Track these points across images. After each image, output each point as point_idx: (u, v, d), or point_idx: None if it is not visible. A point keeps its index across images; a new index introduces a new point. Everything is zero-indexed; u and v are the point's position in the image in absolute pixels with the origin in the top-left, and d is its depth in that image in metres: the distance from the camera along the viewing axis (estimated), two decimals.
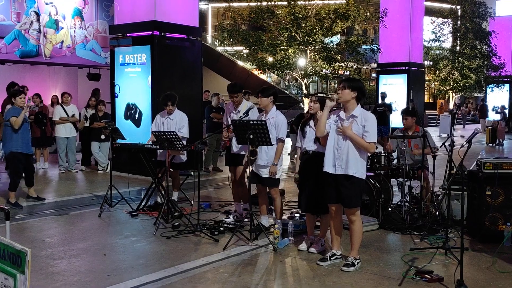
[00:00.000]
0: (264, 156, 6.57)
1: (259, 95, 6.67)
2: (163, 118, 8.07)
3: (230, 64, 31.51)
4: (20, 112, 7.95)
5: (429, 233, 6.55)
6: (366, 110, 5.52)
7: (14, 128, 7.87)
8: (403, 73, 21.22)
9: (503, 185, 6.29)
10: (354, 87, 5.32)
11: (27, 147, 8.15)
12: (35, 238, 6.58)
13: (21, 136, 8.00)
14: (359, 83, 5.44)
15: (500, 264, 5.60)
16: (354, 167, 5.29)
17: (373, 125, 5.30)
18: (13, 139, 7.97)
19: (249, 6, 19.59)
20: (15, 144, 7.98)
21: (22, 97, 8.06)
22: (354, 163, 5.29)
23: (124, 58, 11.25)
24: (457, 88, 27.55)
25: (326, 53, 18.08)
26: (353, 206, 5.41)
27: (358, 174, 5.32)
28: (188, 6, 11.52)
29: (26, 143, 8.13)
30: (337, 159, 5.34)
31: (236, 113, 7.31)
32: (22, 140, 8.03)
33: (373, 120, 5.32)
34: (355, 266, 5.39)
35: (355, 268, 5.37)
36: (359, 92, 5.32)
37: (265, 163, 6.58)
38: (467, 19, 27.67)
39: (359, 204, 5.49)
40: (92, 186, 10.02)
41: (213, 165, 12.10)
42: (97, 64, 18.33)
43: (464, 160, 5.09)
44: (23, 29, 16.06)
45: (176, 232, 6.69)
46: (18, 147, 8.00)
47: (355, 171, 5.29)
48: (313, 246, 6.01)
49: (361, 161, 5.34)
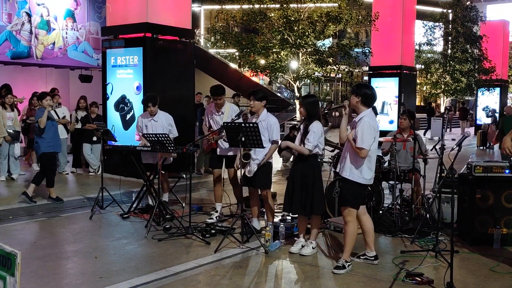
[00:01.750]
0: (255, 157, 6.58)
1: (251, 97, 6.68)
2: (146, 119, 7.96)
3: (222, 66, 31.48)
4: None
5: (419, 236, 6.57)
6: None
7: (40, 128, 8.34)
8: (394, 76, 21.33)
9: (493, 188, 6.34)
10: (357, 92, 5.46)
11: (54, 146, 8.63)
12: (25, 241, 6.55)
13: (49, 136, 8.48)
14: (363, 88, 5.53)
15: (492, 265, 5.64)
16: (349, 170, 5.43)
17: (362, 130, 5.30)
18: (42, 140, 8.45)
19: (241, 9, 19.61)
20: (44, 144, 8.45)
21: (48, 99, 8.52)
22: (349, 166, 5.43)
23: (116, 59, 11.23)
24: (448, 91, 27.69)
25: (318, 56, 18.14)
26: (345, 205, 5.50)
27: (351, 177, 5.40)
28: (180, 8, 11.52)
29: (54, 143, 8.63)
30: (341, 161, 5.62)
31: (219, 114, 7.42)
32: (51, 140, 8.53)
33: (363, 125, 5.32)
34: (346, 268, 5.41)
35: (346, 271, 5.38)
36: (362, 97, 5.42)
37: (257, 162, 6.59)
38: (458, 23, 27.83)
39: (352, 205, 5.49)
40: (83, 188, 9.99)
41: (205, 167, 12.09)
42: (89, 65, 18.25)
43: (454, 163, 5.12)
44: (14, 30, 15.98)
45: (167, 235, 6.68)
46: (49, 147, 8.50)
47: (348, 173, 5.42)
48: (304, 249, 6.03)
49: (357, 164, 5.39)
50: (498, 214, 6.35)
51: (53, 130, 8.59)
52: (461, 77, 27.23)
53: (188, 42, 11.56)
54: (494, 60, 27.88)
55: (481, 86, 29.12)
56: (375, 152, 5.54)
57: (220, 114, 7.43)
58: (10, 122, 10.50)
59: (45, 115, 8.38)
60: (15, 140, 10.58)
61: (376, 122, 5.48)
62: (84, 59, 18.05)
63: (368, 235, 5.69)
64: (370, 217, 5.78)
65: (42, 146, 8.47)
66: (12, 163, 10.58)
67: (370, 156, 5.40)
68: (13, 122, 10.57)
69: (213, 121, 7.53)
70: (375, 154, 5.58)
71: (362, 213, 5.65)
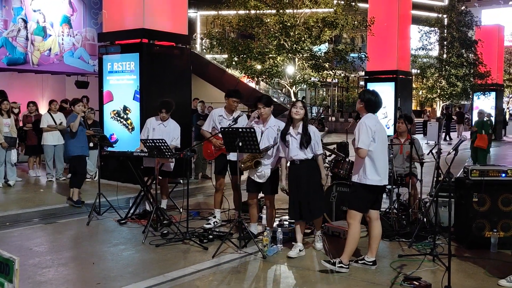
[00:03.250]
0: (266, 162, 6.52)
1: (259, 104, 6.52)
2: (156, 122, 8.01)
3: (219, 72, 31.52)
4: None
5: (417, 240, 6.59)
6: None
7: (72, 132, 8.76)
8: (390, 81, 21.33)
9: (490, 192, 6.37)
10: (362, 98, 5.62)
11: (83, 150, 9.03)
12: (22, 247, 6.53)
13: (80, 140, 8.92)
14: (367, 94, 5.65)
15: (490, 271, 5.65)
16: (355, 173, 5.61)
17: (358, 130, 5.45)
18: (72, 143, 8.88)
19: (237, 15, 19.65)
20: (75, 148, 8.87)
21: (80, 105, 8.98)
22: (355, 170, 5.64)
23: (112, 65, 11.23)
24: (444, 96, 27.76)
25: (314, 61, 18.19)
26: (348, 207, 5.68)
27: (355, 179, 5.57)
28: (177, 13, 11.52)
29: (84, 146, 9.04)
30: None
31: (229, 119, 7.27)
32: (81, 143, 8.96)
33: (359, 126, 5.46)
34: (334, 266, 5.44)
35: (331, 267, 5.45)
36: (365, 103, 5.57)
37: (267, 163, 6.51)
38: (454, 28, 27.93)
39: (354, 207, 5.58)
40: (81, 194, 9.95)
41: (202, 173, 12.08)
42: (85, 72, 18.26)
43: (451, 167, 5.14)
44: (10, 37, 15.98)
45: (165, 240, 6.68)
46: (79, 150, 8.91)
47: (355, 177, 5.59)
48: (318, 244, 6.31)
49: (358, 165, 5.52)
50: (495, 217, 6.37)
51: (82, 134, 9.04)
52: (457, 81, 27.30)
53: (185, 47, 11.57)
54: (489, 64, 27.98)
55: (477, 91, 29.21)
56: (382, 153, 5.52)
57: (230, 119, 7.25)
58: (7, 129, 10.48)
59: (78, 120, 8.79)
60: (12, 146, 10.56)
61: (376, 123, 5.51)
62: (80, 65, 18.06)
63: (374, 240, 5.70)
64: (381, 224, 5.78)
65: (73, 149, 8.88)
66: (9, 170, 10.56)
67: (373, 157, 5.42)
68: (10, 128, 10.55)
69: (221, 125, 7.22)
70: (383, 155, 5.54)
71: (375, 218, 5.67)
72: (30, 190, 10.30)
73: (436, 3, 36.46)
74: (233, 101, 7.38)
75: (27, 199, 9.23)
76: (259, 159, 6.35)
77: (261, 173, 6.47)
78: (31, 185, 10.91)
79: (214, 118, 7.51)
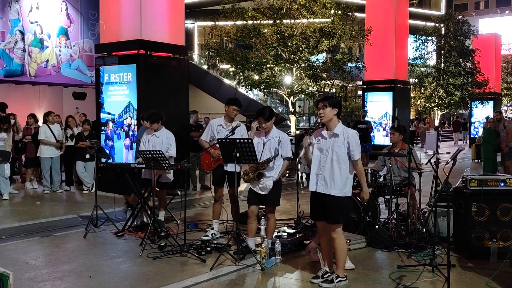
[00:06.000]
0: (268, 174, 6.45)
1: (260, 119, 6.44)
2: (149, 135, 8.02)
3: (216, 82, 31.59)
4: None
5: (416, 250, 6.54)
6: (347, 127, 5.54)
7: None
8: (388, 91, 21.38)
9: (488, 201, 6.33)
10: (334, 103, 5.36)
11: None
12: (18, 261, 6.46)
13: None
14: (337, 99, 5.55)
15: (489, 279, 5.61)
16: (336, 187, 5.30)
17: (356, 142, 5.32)
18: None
19: (235, 25, 19.67)
20: None
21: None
22: (335, 182, 5.31)
23: (109, 76, 11.23)
24: (442, 105, 27.80)
25: (312, 71, 18.19)
26: (333, 222, 5.38)
27: (341, 194, 5.32)
28: (174, 24, 11.54)
29: None
30: (319, 177, 5.37)
31: (228, 129, 7.19)
32: None
33: (355, 136, 5.34)
34: (333, 283, 5.35)
35: (333, 285, 5.34)
36: (339, 108, 5.39)
37: (272, 179, 6.46)
38: (451, 37, 28.01)
39: (340, 221, 5.44)
40: (77, 206, 9.91)
41: (202, 183, 12.04)
42: (82, 83, 18.28)
43: (449, 177, 5.12)
44: (7, 48, 16.00)
45: (162, 253, 6.62)
46: None
47: (337, 191, 5.30)
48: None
49: (341, 179, 5.31)
50: (494, 227, 6.33)
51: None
52: (455, 90, 27.36)
53: (182, 58, 11.58)
54: (487, 73, 28.06)
55: (475, 99, 29.28)
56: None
57: (229, 129, 7.16)
58: (2, 143, 10.46)
59: None
60: (5, 160, 10.51)
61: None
62: (77, 76, 18.08)
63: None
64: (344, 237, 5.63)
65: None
66: (2, 183, 10.51)
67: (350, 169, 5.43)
68: (5, 142, 10.53)
69: (219, 136, 7.17)
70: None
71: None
72: (27, 202, 10.24)
73: (433, 12, 36.61)
74: (233, 109, 7.34)
75: (23, 211, 9.18)
76: (262, 171, 6.31)
77: (263, 185, 6.41)
78: (28, 198, 10.85)
79: (213, 128, 7.44)
